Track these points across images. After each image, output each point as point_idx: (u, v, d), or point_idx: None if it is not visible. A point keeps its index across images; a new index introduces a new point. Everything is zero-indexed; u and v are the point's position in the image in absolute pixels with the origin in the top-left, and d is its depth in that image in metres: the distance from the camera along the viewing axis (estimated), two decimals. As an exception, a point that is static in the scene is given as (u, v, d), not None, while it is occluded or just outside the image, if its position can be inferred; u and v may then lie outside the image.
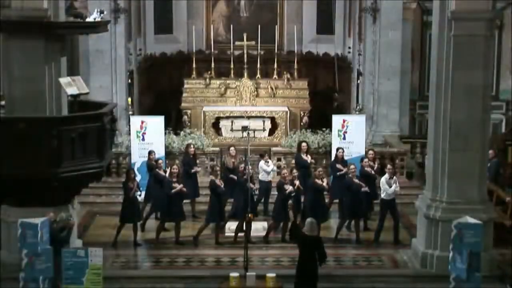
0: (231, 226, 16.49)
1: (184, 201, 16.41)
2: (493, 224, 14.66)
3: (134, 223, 15.99)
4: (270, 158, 18.60)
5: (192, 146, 18.42)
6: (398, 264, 15.12)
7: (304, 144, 18.33)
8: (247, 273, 13.11)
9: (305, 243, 12.77)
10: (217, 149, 20.07)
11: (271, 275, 12.91)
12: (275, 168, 18.42)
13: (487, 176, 15.24)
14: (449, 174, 14.26)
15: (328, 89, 24.87)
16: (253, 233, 15.80)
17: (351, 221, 16.51)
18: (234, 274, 12.94)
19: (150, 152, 17.64)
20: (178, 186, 15.86)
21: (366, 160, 17.31)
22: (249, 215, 14.50)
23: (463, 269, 12.13)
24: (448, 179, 14.27)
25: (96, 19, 13.76)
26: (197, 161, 18.61)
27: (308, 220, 13.06)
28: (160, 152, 18.48)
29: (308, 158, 18.05)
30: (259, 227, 16.41)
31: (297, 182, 15.99)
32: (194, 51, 23.37)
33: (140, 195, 16.54)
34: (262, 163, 17.94)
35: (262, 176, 17.70)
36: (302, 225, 13.63)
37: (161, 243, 16.00)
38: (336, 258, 15.20)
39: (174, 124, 22.98)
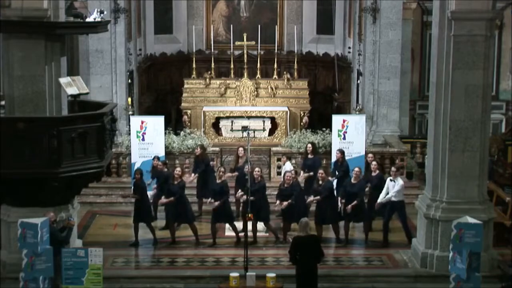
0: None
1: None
2: (493, 224, 14.67)
3: (147, 222, 15.98)
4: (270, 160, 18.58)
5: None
6: (398, 264, 15.10)
7: (309, 145, 18.17)
8: (247, 273, 13.13)
9: (302, 243, 12.77)
10: (217, 149, 20.05)
11: (271, 275, 12.93)
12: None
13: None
14: (449, 174, 14.25)
15: (328, 89, 24.89)
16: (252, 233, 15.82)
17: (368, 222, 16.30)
18: (234, 274, 12.97)
19: (164, 162, 17.41)
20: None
21: (375, 163, 17.16)
22: (249, 215, 14.49)
23: (463, 269, 12.13)
24: (448, 179, 14.26)
25: (96, 19, 13.74)
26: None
27: (301, 220, 13.04)
28: (160, 152, 18.48)
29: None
30: (259, 227, 16.39)
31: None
32: (194, 51, 23.38)
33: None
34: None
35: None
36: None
37: (160, 242, 16.01)
38: (336, 258, 15.21)
39: (174, 124, 23.02)
